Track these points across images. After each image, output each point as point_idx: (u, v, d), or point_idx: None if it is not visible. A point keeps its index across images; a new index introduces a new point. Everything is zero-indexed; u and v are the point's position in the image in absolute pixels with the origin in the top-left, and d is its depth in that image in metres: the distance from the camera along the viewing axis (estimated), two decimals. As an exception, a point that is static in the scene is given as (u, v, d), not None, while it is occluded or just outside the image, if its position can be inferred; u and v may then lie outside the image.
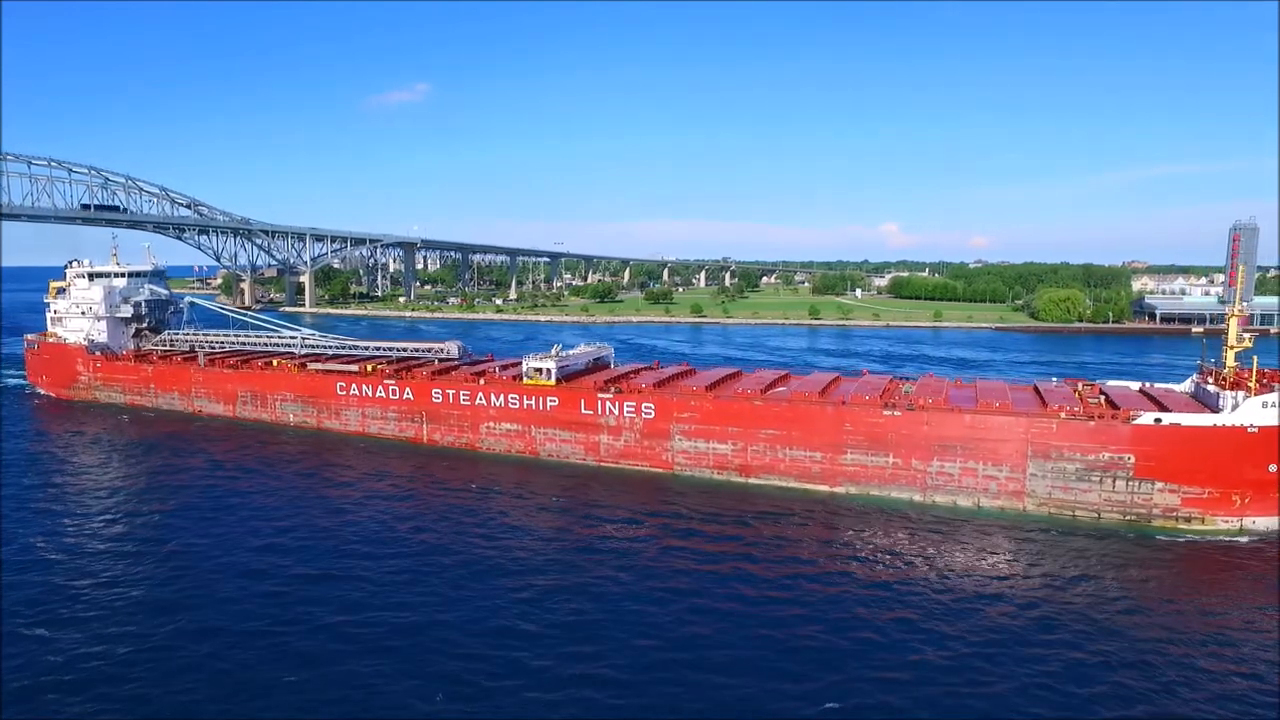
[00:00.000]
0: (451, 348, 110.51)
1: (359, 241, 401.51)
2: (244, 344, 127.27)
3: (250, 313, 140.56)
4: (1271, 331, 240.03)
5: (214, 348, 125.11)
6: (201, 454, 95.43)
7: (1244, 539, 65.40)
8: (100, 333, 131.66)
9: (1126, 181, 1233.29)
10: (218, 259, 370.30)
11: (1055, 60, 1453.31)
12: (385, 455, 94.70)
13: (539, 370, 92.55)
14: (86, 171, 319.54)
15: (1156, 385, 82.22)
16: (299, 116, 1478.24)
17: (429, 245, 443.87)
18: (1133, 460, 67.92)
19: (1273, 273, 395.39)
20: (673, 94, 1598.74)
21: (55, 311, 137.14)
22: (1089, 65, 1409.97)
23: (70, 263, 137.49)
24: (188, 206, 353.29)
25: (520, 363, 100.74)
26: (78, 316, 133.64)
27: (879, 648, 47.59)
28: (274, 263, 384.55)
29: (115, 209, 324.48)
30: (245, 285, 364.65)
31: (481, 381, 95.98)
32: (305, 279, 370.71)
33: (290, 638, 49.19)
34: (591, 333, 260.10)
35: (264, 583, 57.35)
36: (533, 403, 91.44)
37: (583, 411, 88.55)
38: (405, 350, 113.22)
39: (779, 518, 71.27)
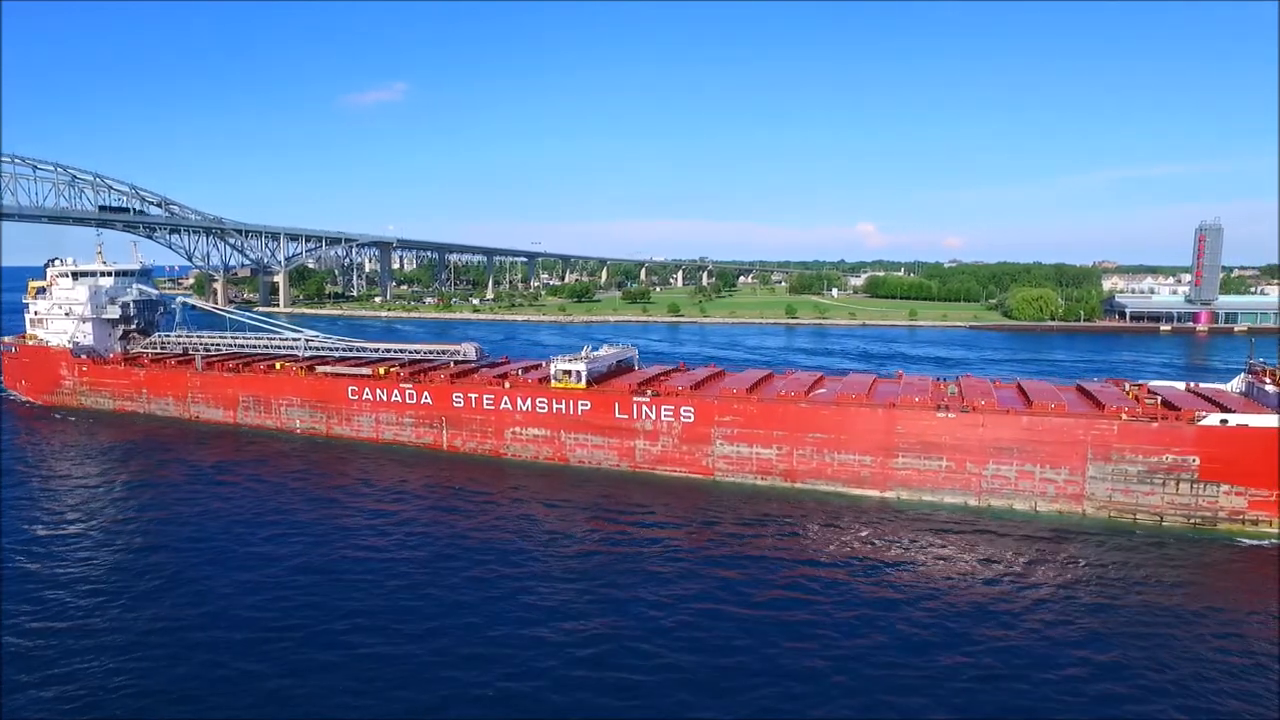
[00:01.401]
0: (469, 349, 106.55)
1: (334, 241, 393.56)
2: (242, 346, 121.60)
3: (248, 313, 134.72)
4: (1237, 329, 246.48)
5: (209, 350, 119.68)
6: (201, 463, 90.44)
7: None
8: (85, 335, 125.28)
9: (1098, 184, 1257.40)
10: (189, 259, 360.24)
11: (1031, 61, 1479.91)
12: (404, 462, 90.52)
13: (568, 373, 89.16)
14: (52, 169, 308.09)
15: (1204, 385, 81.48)
16: (273, 116, 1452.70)
17: (405, 245, 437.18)
18: (1197, 462, 66.74)
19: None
20: (651, 95, 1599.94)
21: (35, 312, 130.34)
22: (1064, 67, 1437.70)
23: (51, 261, 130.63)
24: (158, 205, 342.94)
25: (541, 364, 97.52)
26: (61, 318, 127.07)
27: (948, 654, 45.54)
28: (247, 262, 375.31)
29: (107, 210, 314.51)
30: (218, 285, 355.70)
31: (506, 385, 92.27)
32: (280, 279, 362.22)
33: (292, 641, 47.41)
34: (569, 332, 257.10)
35: (274, 586, 55.13)
36: (562, 406, 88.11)
37: (617, 415, 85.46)
38: (419, 352, 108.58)
39: (833, 525, 68.96)
